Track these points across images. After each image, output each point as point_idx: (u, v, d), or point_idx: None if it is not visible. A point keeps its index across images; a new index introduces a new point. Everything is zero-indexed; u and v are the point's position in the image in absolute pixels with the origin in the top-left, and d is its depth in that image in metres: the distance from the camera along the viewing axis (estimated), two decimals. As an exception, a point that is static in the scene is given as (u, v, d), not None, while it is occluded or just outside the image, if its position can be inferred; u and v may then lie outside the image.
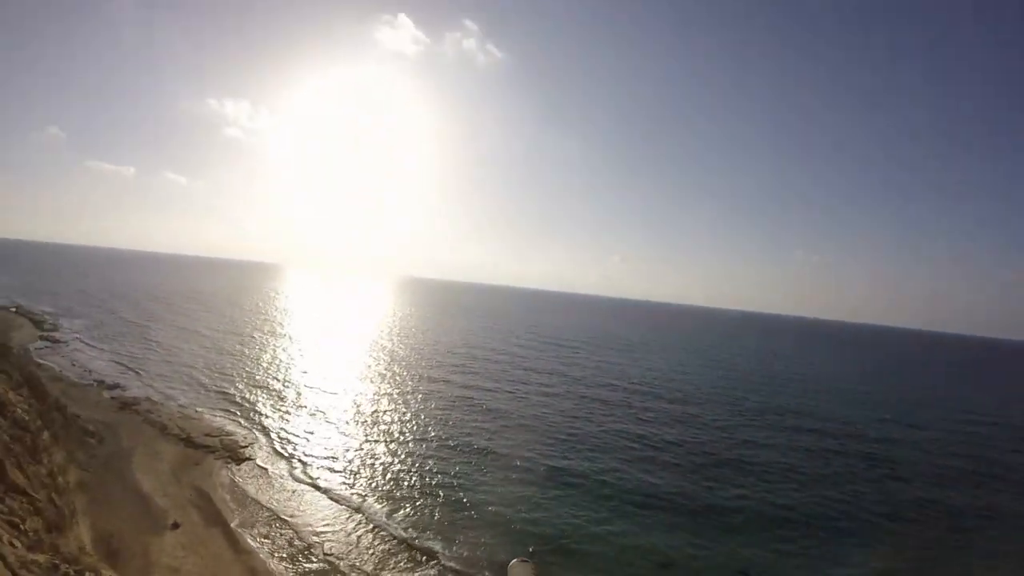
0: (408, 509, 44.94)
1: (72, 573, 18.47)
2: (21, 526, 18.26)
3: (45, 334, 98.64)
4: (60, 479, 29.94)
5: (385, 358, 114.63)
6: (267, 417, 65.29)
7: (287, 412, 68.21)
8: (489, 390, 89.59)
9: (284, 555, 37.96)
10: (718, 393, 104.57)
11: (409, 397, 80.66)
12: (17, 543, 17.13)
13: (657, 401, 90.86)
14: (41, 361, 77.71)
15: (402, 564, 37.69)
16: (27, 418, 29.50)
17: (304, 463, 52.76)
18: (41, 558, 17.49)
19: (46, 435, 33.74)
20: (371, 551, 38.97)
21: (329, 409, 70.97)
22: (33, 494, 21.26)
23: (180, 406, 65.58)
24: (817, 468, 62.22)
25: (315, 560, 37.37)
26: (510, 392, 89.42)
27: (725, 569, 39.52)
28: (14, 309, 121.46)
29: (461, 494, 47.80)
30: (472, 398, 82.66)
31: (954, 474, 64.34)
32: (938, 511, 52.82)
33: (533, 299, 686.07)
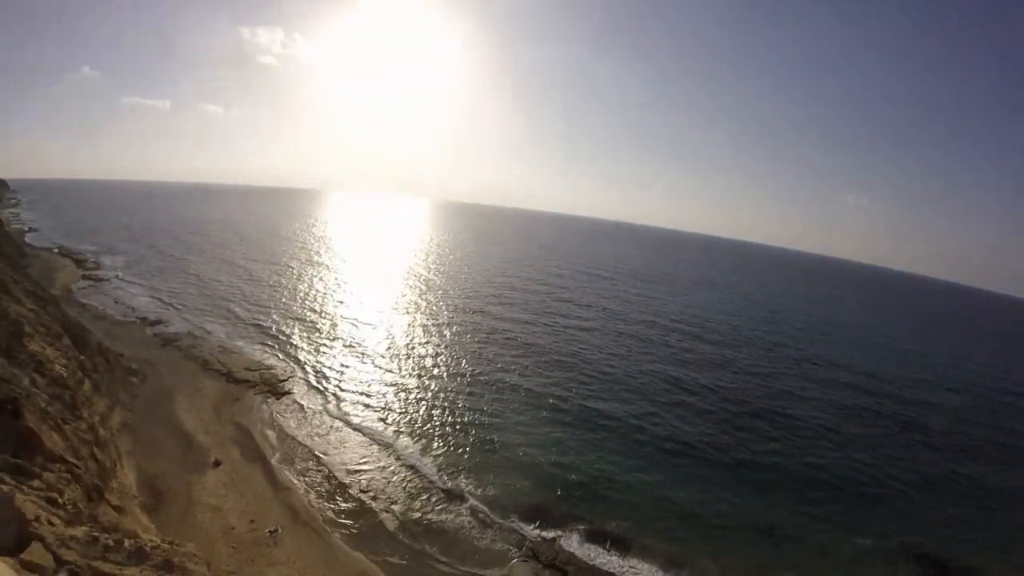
0: (439, 449, 45.57)
1: (111, 543, 18.74)
2: (59, 499, 18.42)
3: (88, 273, 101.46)
4: (101, 431, 30.62)
5: (420, 286, 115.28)
6: (303, 350, 66.44)
7: (323, 344, 69.31)
8: (526, 322, 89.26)
9: (322, 492, 39.09)
10: (757, 336, 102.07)
11: (444, 329, 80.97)
12: (56, 519, 17.29)
13: (695, 341, 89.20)
14: (84, 301, 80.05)
15: (433, 505, 38.42)
16: (65, 374, 29.90)
17: (339, 398, 53.77)
18: (79, 532, 17.68)
19: (87, 385, 34.44)
20: (403, 491, 39.75)
21: (364, 341, 71.91)
22: (71, 460, 21.48)
23: (220, 340, 67.11)
24: (851, 427, 60.38)
25: (350, 500, 38.34)
26: (547, 325, 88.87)
27: (750, 527, 39.25)
28: (56, 250, 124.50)
29: (493, 434, 48.10)
30: (508, 331, 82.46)
31: (986, 447, 61.39)
32: (966, 486, 50.87)
33: (574, 226, 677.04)
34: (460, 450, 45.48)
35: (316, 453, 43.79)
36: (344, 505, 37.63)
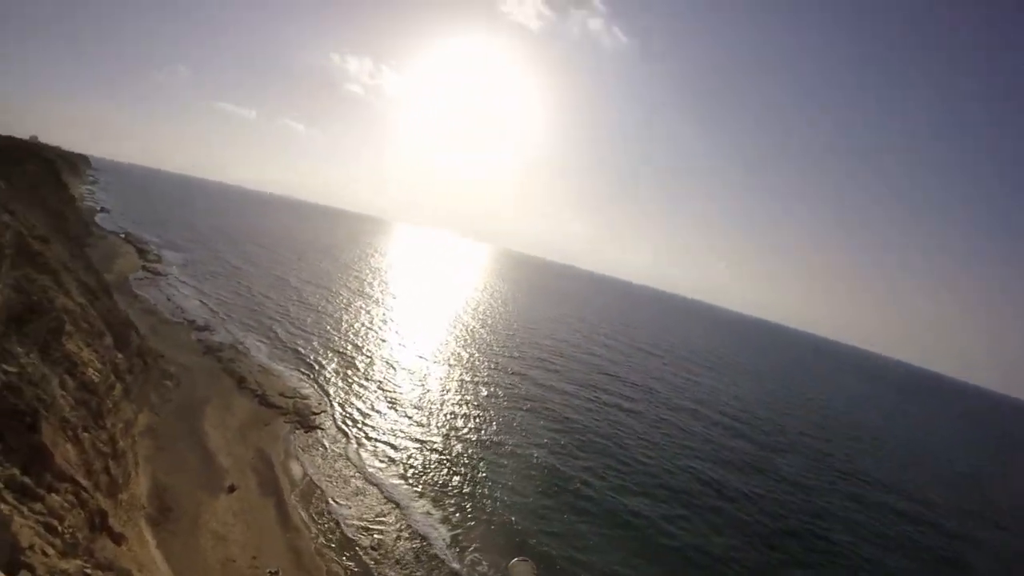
0: (454, 519, 43.08)
1: (102, 583, 17.49)
2: (58, 527, 17.39)
3: (147, 264, 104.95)
4: (121, 442, 29.86)
5: (465, 336, 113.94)
6: (337, 386, 65.82)
7: (358, 383, 68.47)
8: (567, 394, 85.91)
9: (331, 541, 37.23)
10: (805, 442, 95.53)
11: (481, 387, 78.65)
12: (51, 549, 16.22)
13: (739, 440, 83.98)
14: (138, 292, 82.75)
15: (436, 584, 35.97)
16: (97, 379, 29.52)
17: (364, 445, 52.20)
18: (72, 566, 16.55)
19: (118, 390, 34.06)
20: (411, 559, 37.35)
21: (399, 387, 70.64)
22: (81, 481, 20.53)
23: (261, 360, 67.26)
24: (890, 560, 55.01)
25: (356, 558, 36.19)
26: (589, 400, 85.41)
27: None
28: (123, 236, 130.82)
29: (512, 515, 45.17)
30: (546, 400, 79.36)
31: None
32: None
33: (630, 293, 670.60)
34: (474, 525, 42.80)
35: (332, 499, 42.10)
36: (348, 562, 35.59)
